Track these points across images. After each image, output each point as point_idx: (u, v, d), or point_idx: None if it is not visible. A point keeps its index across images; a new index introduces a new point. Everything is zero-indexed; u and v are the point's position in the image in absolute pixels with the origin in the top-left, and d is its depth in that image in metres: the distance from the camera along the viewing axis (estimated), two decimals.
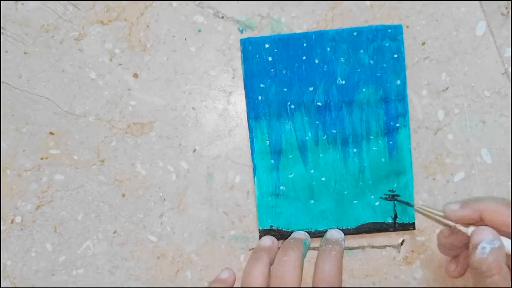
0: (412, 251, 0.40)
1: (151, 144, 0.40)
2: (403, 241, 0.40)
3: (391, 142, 0.39)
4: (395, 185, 0.39)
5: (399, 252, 0.40)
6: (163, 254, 0.40)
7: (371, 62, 0.38)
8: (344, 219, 0.39)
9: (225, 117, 0.40)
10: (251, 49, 0.39)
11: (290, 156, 0.39)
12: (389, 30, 0.38)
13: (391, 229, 0.39)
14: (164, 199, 0.40)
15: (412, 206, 0.38)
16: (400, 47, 0.38)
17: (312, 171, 0.39)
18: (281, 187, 0.39)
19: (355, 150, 0.39)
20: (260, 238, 0.39)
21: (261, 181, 0.39)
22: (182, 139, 0.40)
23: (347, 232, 0.39)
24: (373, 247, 0.40)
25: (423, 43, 0.39)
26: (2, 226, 0.40)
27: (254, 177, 0.39)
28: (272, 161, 0.39)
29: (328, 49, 0.39)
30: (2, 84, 0.40)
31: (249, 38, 0.39)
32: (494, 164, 0.40)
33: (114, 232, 0.40)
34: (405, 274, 0.41)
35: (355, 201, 0.39)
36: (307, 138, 0.39)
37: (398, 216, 0.39)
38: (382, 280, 0.40)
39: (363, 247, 0.40)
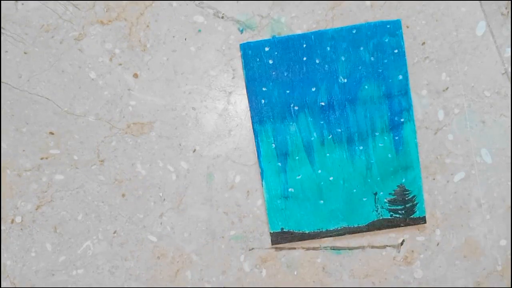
0: (412, 251, 0.40)
1: (151, 144, 0.40)
2: (403, 241, 0.40)
3: (396, 138, 0.39)
4: (403, 180, 0.39)
5: (399, 252, 0.40)
6: (163, 254, 0.40)
7: (372, 58, 0.39)
8: (354, 218, 0.39)
9: (225, 117, 0.40)
10: (251, 53, 0.39)
11: (297, 157, 0.39)
12: (388, 26, 0.38)
13: (402, 225, 0.39)
14: (164, 199, 0.40)
15: None
16: (400, 42, 0.38)
17: (319, 171, 0.39)
18: (289, 189, 0.39)
19: (361, 147, 0.39)
20: (271, 241, 0.39)
21: (269, 185, 0.39)
22: (182, 139, 0.40)
23: (359, 230, 0.39)
24: (373, 247, 0.40)
25: (423, 43, 0.39)
26: (2, 226, 0.40)
27: (262, 180, 0.39)
28: (279, 163, 0.39)
29: (328, 48, 0.39)
30: (2, 84, 0.40)
31: (249, 42, 0.39)
32: (494, 164, 0.40)
33: (114, 232, 0.40)
34: (405, 274, 0.40)
35: (364, 199, 0.39)
36: (312, 138, 0.39)
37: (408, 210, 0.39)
38: (382, 280, 0.40)
39: (363, 247, 0.40)
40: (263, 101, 0.39)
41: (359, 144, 0.39)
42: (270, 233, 0.39)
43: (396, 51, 0.38)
